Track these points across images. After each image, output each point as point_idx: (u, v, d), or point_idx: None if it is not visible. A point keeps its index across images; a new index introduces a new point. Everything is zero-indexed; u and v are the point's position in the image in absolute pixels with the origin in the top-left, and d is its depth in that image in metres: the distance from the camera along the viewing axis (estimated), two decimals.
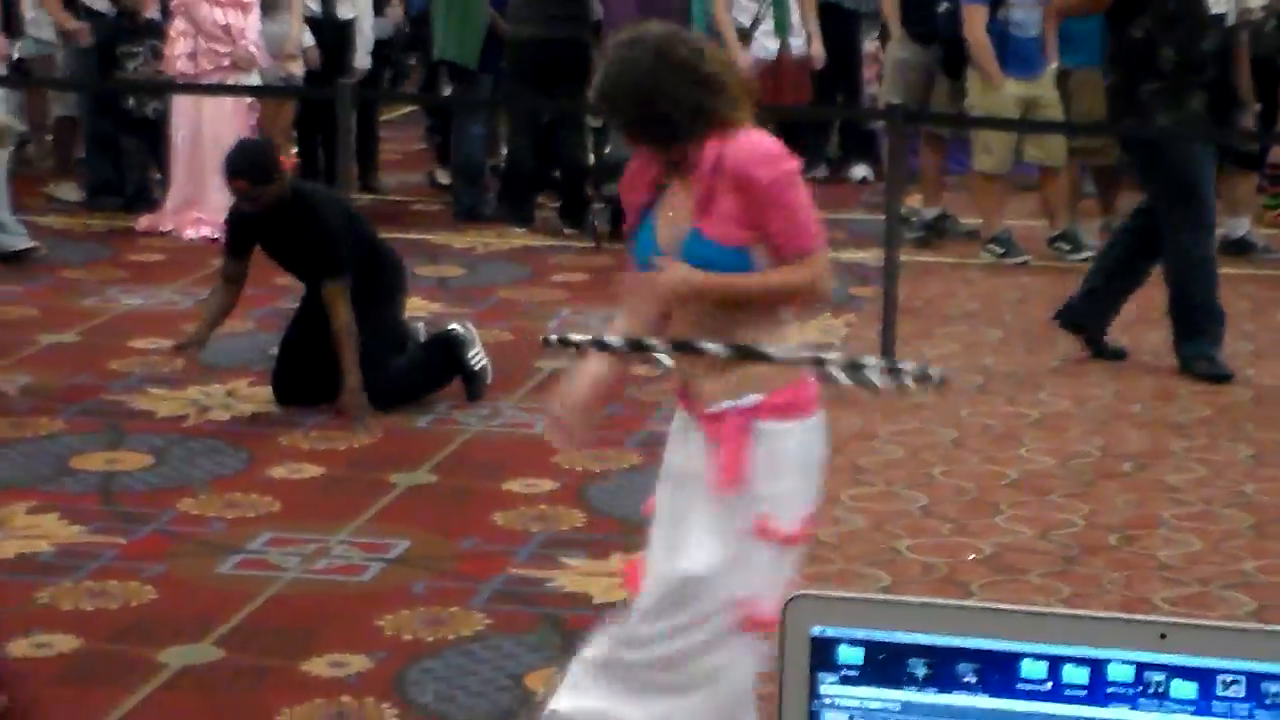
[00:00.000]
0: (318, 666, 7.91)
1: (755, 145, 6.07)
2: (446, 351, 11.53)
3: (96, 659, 7.93)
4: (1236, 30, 10.48)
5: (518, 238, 16.27)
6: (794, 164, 6.13)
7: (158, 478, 10.14)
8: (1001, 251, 14.96)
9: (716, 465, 5.97)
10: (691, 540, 5.99)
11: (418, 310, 12.84)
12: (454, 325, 11.72)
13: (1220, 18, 10.26)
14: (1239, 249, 15.46)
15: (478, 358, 11.42)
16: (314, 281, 11.07)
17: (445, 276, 14.75)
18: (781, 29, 14.87)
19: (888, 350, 11.56)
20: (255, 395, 11.62)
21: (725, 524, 5.98)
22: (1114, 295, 12.48)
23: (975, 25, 14.83)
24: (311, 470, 10.28)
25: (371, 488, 9.97)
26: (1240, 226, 15.65)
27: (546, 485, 10.36)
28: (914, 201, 15.30)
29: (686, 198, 6.07)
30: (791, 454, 6.09)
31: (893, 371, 5.96)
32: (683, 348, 5.95)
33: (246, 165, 10.99)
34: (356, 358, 10.80)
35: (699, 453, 6.09)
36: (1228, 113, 10.96)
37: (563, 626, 7.68)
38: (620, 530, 9.45)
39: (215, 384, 12.04)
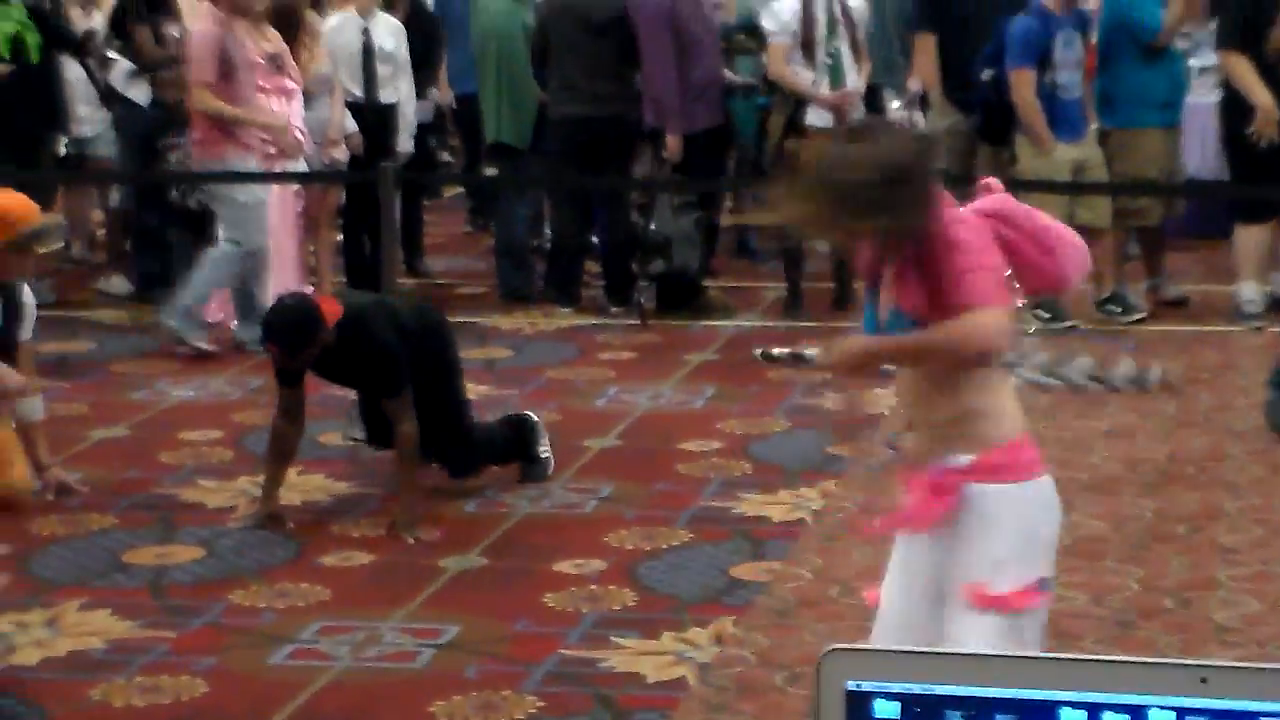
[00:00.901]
0: None
1: None
2: (520, 433, 11.46)
3: None
4: None
5: (564, 318, 16.11)
6: (960, 229, 6.00)
7: (208, 570, 9.83)
8: (1119, 310, 14.85)
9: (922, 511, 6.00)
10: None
11: (468, 393, 12.70)
12: (530, 413, 11.82)
13: None
14: None
15: (545, 448, 11.39)
16: (376, 395, 10.91)
17: (493, 358, 14.52)
18: (839, 83, 14.84)
19: None
20: (304, 484, 11.19)
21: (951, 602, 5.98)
22: None
23: (1024, 89, 14.38)
24: (361, 558, 9.99)
25: (422, 573, 9.68)
26: None
27: (597, 565, 9.93)
28: None
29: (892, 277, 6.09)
30: (1005, 517, 5.99)
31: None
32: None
33: (284, 335, 10.52)
34: (414, 470, 10.68)
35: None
36: None
37: (615, 706, 7.59)
38: (671, 608, 9.32)
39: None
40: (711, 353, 14.59)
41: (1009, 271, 6.05)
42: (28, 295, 10.99)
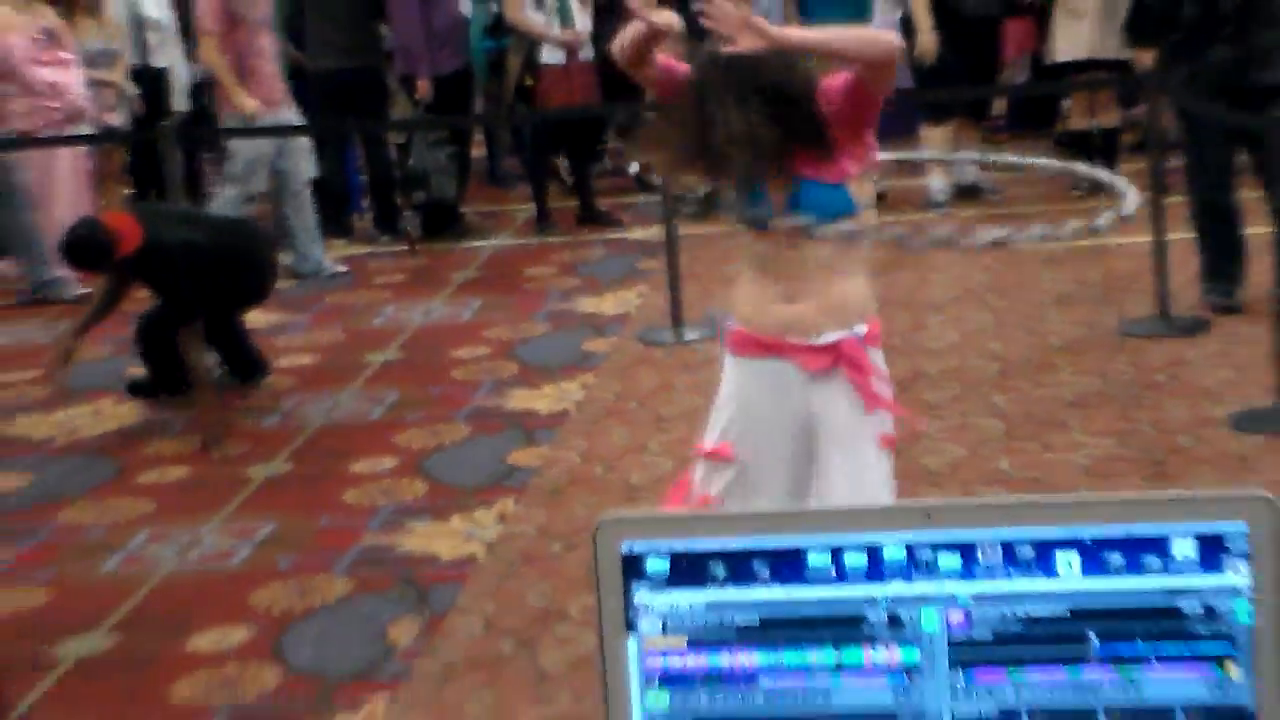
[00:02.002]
0: (202, 644, 7.61)
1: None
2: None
3: None
4: None
5: (339, 248, 16.01)
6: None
7: (37, 493, 9.80)
8: None
9: (863, 393, 5.99)
10: (844, 478, 5.97)
11: (257, 321, 12.60)
12: None
13: None
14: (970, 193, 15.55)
15: None
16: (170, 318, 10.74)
17: (279, 288, 13.32)
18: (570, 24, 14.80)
19: (676, 316, 11.60)
20: (118, 412, 11.25)
21: (859, 449, 6.02)
22: None
23: None
24: (177, 472, 9.91)
25: (233, 482, 9.60)
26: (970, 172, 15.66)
27: (388, 463, 9.99)
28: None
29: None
30: (885, 373, 6.16)
31: None
32: None
33: (76, 257, 10.87)
34: (209, 392, 10.59)
35: (804, 390, 6.04)
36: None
37: (416, 583, 7.56)
38: (458, 495, 9.43)
39: (82, 405, 11.64)
40: (474, 270, 14.57)
41: None
42: None
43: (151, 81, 15.68)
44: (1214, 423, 9.34)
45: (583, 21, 14.91)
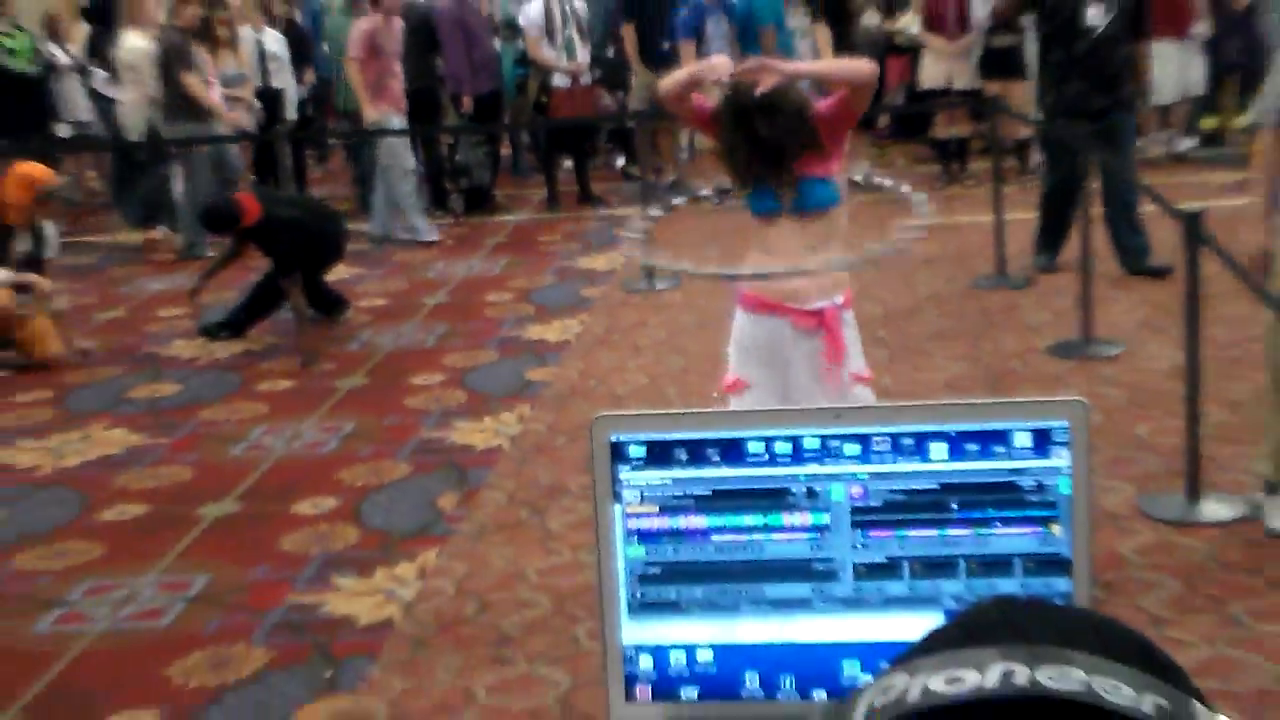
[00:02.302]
0: (303, 509, 7.59)
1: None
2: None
3: None
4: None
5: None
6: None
7: (187, 398, 9.38)
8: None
9: (831, 348, 6.00)
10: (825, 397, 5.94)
11: (345, 274, 12.56)
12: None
13: (1093, 29, 9.95)
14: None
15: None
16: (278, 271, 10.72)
17: (363, 250, 13.72)
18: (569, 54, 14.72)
19: (650, 271, 11.53)
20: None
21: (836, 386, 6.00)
22: None
23: (686, 57, 13.03)
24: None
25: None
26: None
27: (439, 378, 9.92)
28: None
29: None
30: (854, 330, 6.18)
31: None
32: None
33: (210, 224, 11.17)
34: (305, 321, 10.63)
35: (798, 342, 6.05)
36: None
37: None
38: (490, 402, 9.25)
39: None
40: (502, 237, 14.44)
41: None
42: (50, 229, 10.87)
43: (270, 98, 15.59)
44: (1036, 351, 9.36)
45: (583, 55, 14.83)
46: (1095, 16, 10.00)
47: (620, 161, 16.45)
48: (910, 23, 15.09)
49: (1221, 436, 7.33)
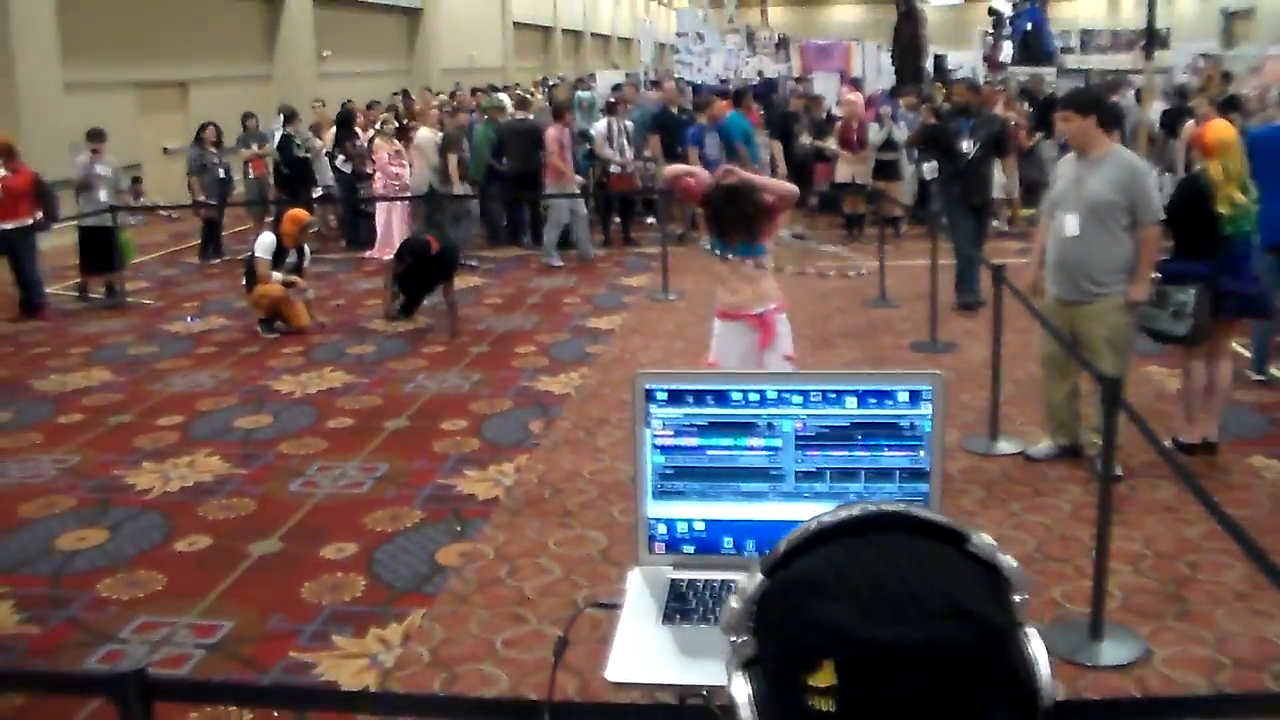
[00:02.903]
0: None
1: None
2: None
3: None
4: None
5: (511, 251, 15.54)
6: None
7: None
8: None
9: (764, 337, 5.98)
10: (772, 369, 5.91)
11: (476, 283, 12.60)
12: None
13: (966, 154, 10.08)
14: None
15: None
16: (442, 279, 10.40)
17: (490, 268, 13.87)
18: (621, 153, 14.56)
19: (665, 286, 11.44)
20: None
21: (775, 359, 5.98)
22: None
23: (691, 159, 13.87)
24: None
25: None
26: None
27: (533, 349, 9.62)
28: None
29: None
30: (785, 328, 6.09)
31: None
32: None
33: (410, 253, 10.42)
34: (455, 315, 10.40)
35: (749, 335, 6.02)
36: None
37: (543, 403, 7.08)
38: (564, 365, 8.98)
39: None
40: (574, 262, 14.20)
41: None
42: (307, 249, 10.86)
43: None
44: (903, 347, 9.29)
45: (629, 154, 14.67)
46: (968, 147, 10.00)
47: (650, 220, 16.29)
48: (830, 143, 15.00)
49: (1009, 402, 7.30)
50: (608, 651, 1.80)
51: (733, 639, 1.03)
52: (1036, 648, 1.00)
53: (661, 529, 1.97)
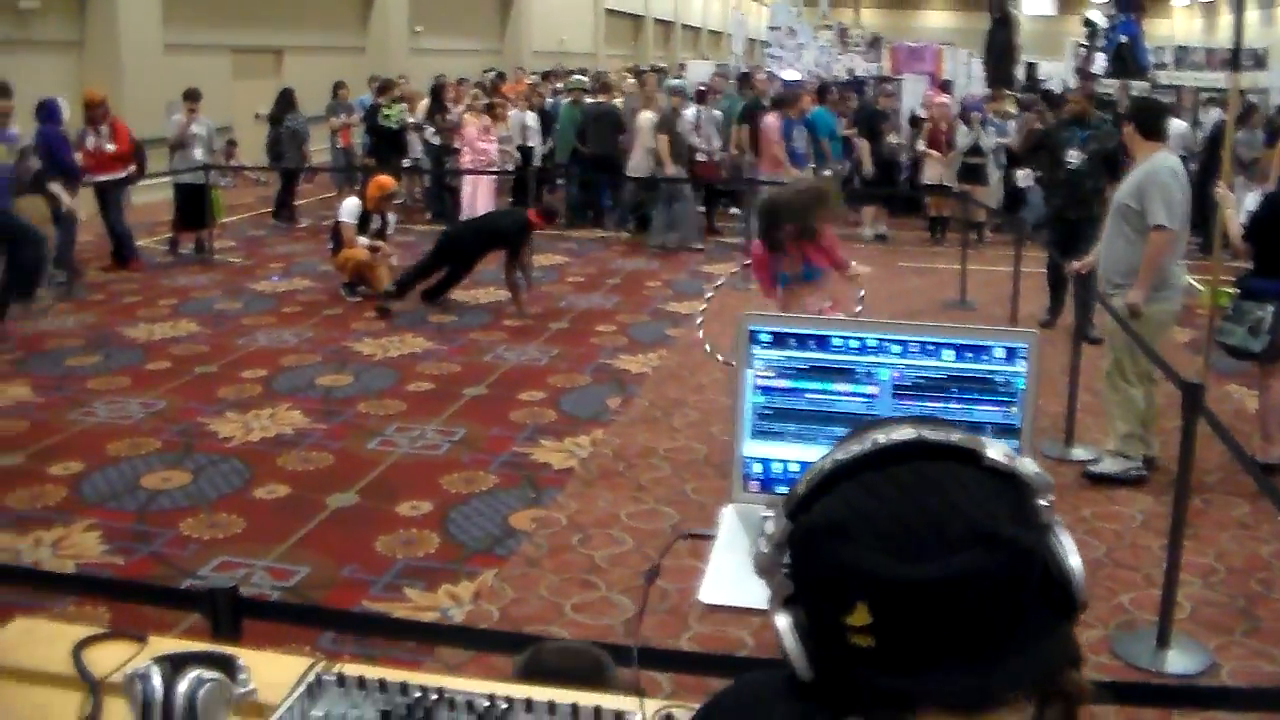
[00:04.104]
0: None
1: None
2: None
3: None
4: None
5: (590, 231, 15.58)
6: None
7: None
8: None
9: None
10: None
11: (559, 261, 12.75)
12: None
13: (1071, 165, 9.50)
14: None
15: None
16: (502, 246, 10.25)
17: (575, 246, 13.77)
18: (709, 142, 14.60)
19: (747, 276, 11.50)
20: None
21: None
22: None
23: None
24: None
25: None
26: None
27: (613, 329, 9.72)
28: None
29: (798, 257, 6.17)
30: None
31: None
32: None
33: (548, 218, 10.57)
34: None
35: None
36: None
37: (622, 380, 7.35)
38: (644, 346, 8.98)
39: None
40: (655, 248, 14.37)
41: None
42: (391, 217, 11.00)
43: (523, 151, 15.63)
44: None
45: (716, 143, 14.67)
46: (1074, 158, 9.59)
47: (734, 210, 16.29)
48: (918, 142, 14.95)
49: (1085, 409, 7.26)
50: (699, 579, 1.91)
51: (769, 579, 1.06)
52: (1067, 545, 1.01)
53: (757, 468, 2.06)
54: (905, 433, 1.03)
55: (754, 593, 1.82)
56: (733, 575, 1.88)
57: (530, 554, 5.35)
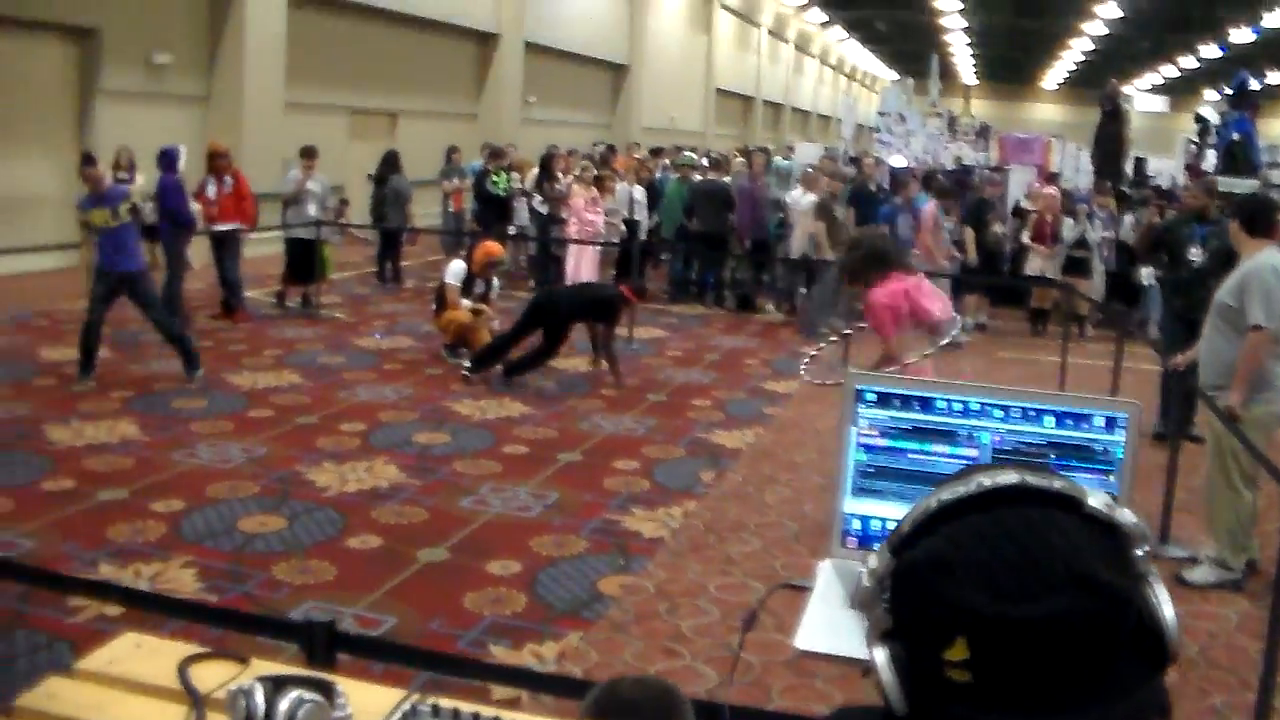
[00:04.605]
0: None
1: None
2: None
3: None
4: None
5: (699, 309, 15.45)
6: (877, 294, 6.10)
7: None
8: None
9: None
10: None
11: (658, 335, 12.89)
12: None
13: (1194, 263, 9.08)
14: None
15: None
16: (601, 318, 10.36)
17: (673, 323, 13.99)
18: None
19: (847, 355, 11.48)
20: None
21: None
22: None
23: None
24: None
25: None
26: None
27: (708, 403, 9.67)
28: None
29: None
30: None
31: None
32: None
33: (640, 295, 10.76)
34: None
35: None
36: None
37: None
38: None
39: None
40: (759, 326, 14.38)
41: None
42: (495, 281, 11.16)
43: (629, 224, 15.81)
44: None
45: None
46: (1196, 255, 9.27)
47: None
48: (1023, 233, 14.90)
49: (1181, 508, 7.11)
50: (796, 625, 1.98)
51: (869, 613, 1.09)
52: (1161, 597, 1.04)
53: (855, 524, 2.13)
54: (1009, 477, 1.07)
55: (847, 642, 1.90)
56: (827, 625, 1.94)
57: (617, 619, 5.39)
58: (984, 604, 1.00)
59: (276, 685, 2.09)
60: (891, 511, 2.09)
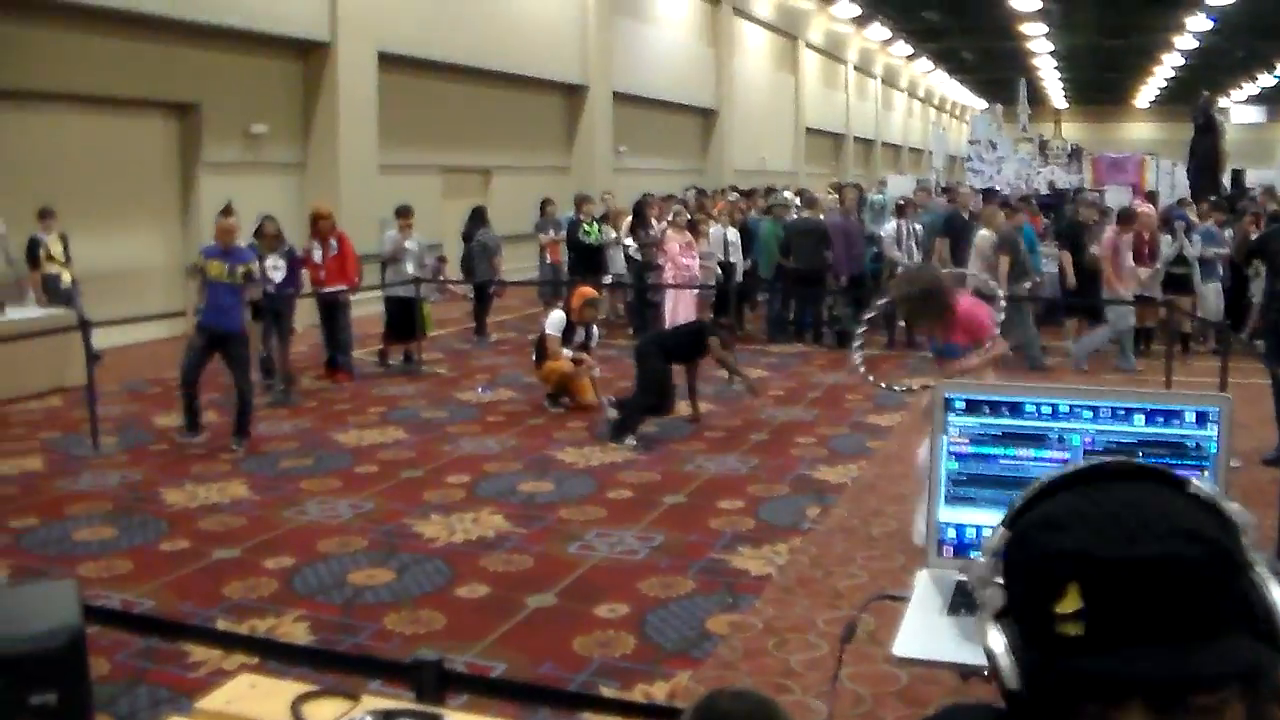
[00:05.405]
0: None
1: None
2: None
3: None
4: None
5: (793, 347, 15.47)
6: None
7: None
8: None
9: None
10: None
11: (760, 372, 12.75)
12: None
13: None
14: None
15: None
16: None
17: (772, 363, 13.81)
18: (910, 255, 14.68)
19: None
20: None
21: None
22: None
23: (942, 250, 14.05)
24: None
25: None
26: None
27: (814, 440, 9.69)
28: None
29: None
30: None
31: None
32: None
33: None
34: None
35: None
36: None
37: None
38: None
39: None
40: (860, 362, 14.24)
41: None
42: (595, 329, 11.27)
43: (724, 267, 15.88)
44: None
45: (918, 256, 14.73)
46: None
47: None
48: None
49: None
50: (895, 634, 2.01)
51: (983, 592, 1.12)
52: (1269, 582, 1.06)
53: (951, 533, 2.16)
54: (1117, 459, 1.12)
55: (944, 648, 1.92)
56: (926, 632, 1.96)
57: (726, 657, 5.41)
58: (1095, 547, 1.03)
59: (387, 717, 2.16)
60: (985, 519, 2.11)
